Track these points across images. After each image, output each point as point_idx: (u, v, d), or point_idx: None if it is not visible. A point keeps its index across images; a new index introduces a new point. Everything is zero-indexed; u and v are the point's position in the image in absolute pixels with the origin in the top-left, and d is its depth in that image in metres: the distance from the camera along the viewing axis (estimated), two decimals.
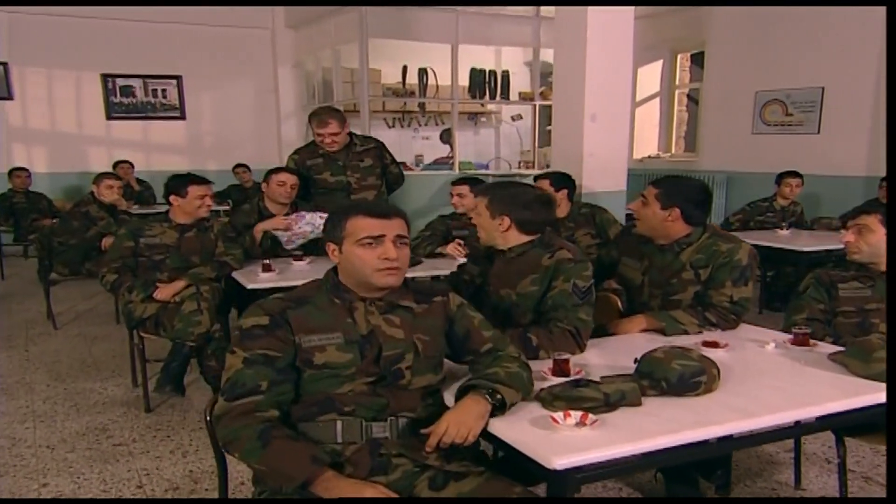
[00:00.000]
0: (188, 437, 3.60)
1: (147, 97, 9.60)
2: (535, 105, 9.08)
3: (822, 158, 7.12)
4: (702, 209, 2.80)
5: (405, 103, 9.03)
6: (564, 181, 4.50)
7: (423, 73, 8.72)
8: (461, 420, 1.83)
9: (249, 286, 3.67)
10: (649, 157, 9.40)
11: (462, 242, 4.32)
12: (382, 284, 2.00)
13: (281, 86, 10.02)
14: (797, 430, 1.96)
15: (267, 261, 3.93)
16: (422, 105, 9.22)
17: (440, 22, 8.24)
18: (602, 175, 5.08)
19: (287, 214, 4.47)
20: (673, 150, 9.59)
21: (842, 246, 2.74)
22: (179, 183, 4.01)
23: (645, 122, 9.47)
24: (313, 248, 4.45)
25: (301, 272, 3.94)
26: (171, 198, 3.98)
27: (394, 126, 9.40)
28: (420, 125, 9.58)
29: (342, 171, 4.66)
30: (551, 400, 1.93)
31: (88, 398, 4.16)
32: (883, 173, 6.53)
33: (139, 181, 8.62)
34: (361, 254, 1.99)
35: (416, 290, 2.12)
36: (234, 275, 3.94)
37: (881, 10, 6.61)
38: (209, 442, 3.27)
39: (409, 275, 3.94)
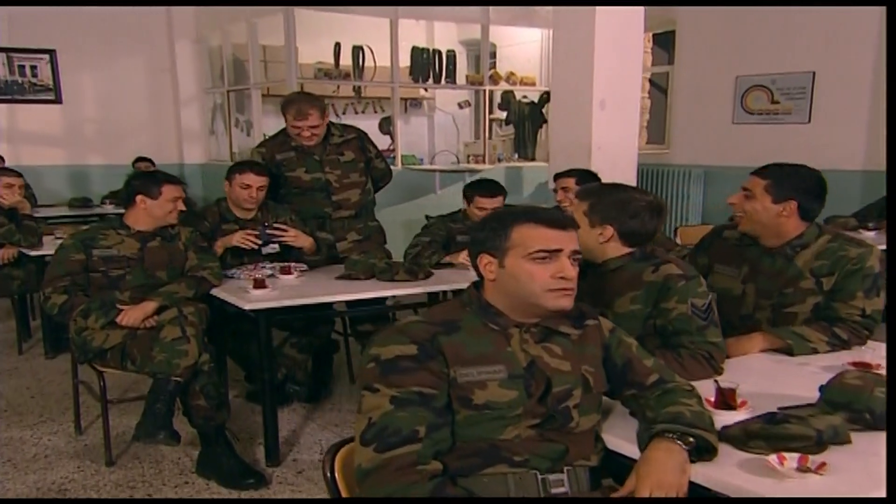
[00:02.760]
0: (174, 496, 3.35)
1: (12, 75, 8.97)
2: (485, 90, 9.04)
3: (814, 150, 7.34)
4: (820, 203, 2.80)
5: (338, 87, 8.82)
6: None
7: (358, 51, 8.53)
8: (665, 480, 1.72)
9: (247, 307, 3.45)
10: None
11: None
12: (554, 307, 1.89)
13: (179, 64, 9.57)
14: None
15: (259, 276, 3.72)
16: (357, 89, 9.03)
17: None
18: (611, 170, 5.06)
19: (255, 219, 4.26)
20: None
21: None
22: (150, 181, 3.75)
23: None
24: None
25: (295, 288, 3.75)
26: (139, 198, 3.72)
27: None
28: (357, 112, 9.39)
29: (319, 168, 4.47)
30: (746, 439, 1.86)
31: (22, 451, 3.82)
32: (884, 167, 6.83)
33: None
34: (532, 270, 1.87)
35: (565, 314, 2.01)
36: (219, 293, 3.72)
37: None
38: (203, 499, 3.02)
39: (421, 289, 3.87)
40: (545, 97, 9.52)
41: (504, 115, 9.77)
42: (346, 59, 8.60)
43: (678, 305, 2.42)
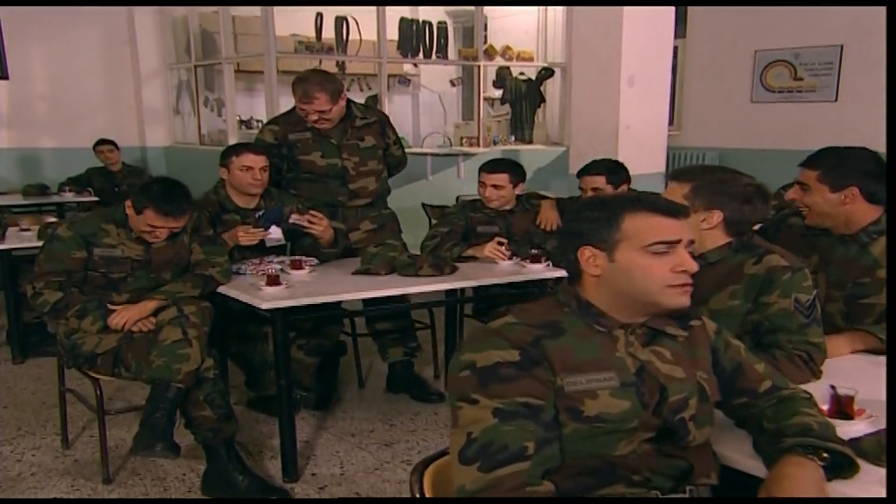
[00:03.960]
0: None
1: None
2: (479, 66, 8.97)
3: (841, 131, 7.35)
4: (883, 184, 2.74)
5: (320, 62, 8.71)
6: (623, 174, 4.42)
7: (341, 23, 8.42)
8: (803, 500, 1.68)
9: (264, 306, 3.36)
10: None
11: (505, 241, 4.15)
12: (674, 306, 1.83)
13: (139, 36, 9.40)
14: None
15: (272, 271, 3.63)
16: (341, 65, 8.93)
17: None
18: (639, 153, 5.06)
19: (258, 207, 4.16)
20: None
21: None
22: (144, 193, 3.50)
23: None
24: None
25: (311, 285, 3.67)
26: (127, 203, 3.56)
27: None
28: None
29: (336, 153, 4.37)
30: (879, 453, 1.82)
31: (5, 469, 3.71)
32: None
33: None
34: (649, 264, 1.80)
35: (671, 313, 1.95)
36: (228, 291, 3.63)
37: None
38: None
39: (449, 285, 3.81)
40: (543, 73, 9.48)
41: (499, 93, 9.71)
42: (328, 32, 8.49)
43: (780, 300, 2.37)
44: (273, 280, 3.52)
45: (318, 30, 8.47)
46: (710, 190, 2.44)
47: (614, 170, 4.35)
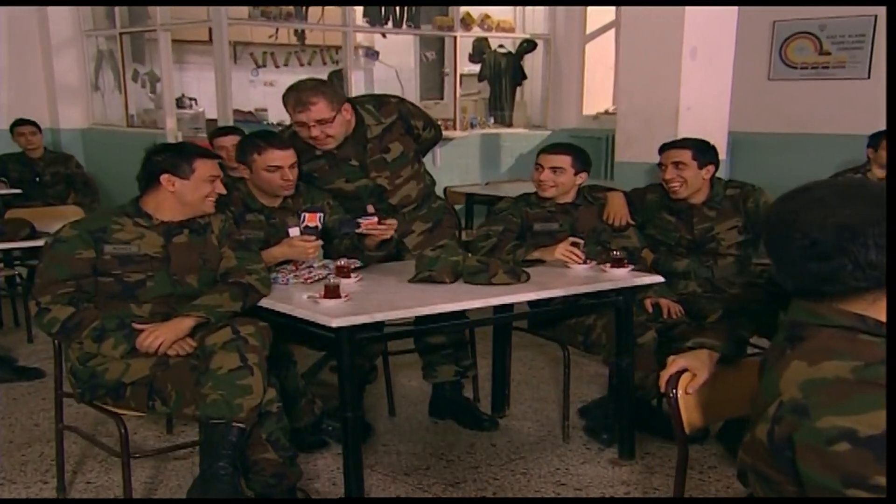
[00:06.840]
0: None
1: None
2: (455, 37, 8.81)
3: (875, 112, 7.38)
4: None
5: (276, 31, 8.48)
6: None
7: None
8: None
9: (333, 324, 3.12)
10: (606, 112, 9.43)
11: (581, 242, 3.98)
12: None
13: None
14: None
15: (330, 281, 3.41)
16: (300, 34, 8.70)
17: None
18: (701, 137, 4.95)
19: (285, 206, 3.97)
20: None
21: None
22: (177, 155, 3.38)
23: (596, 65, 9.48)
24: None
25: (367, 296, 3.45)
26: (165, 178, 3.35)
27: (264, 65, 8.79)
28: (302, 63, 9.04)
29: (363, 174, 4.15)
30: None
31: None
32: None
33: None
34: None
35: None
36: (277, 304, 3.41)
37: None
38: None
39: (535, 295, 3.61)
40: (525, 47, 9.41)
41: (472, 68, 9.60)
42: None
43: None
44: (332, 291, 3.30)
45: None
46: None
47: (703, 148, 4.24)
